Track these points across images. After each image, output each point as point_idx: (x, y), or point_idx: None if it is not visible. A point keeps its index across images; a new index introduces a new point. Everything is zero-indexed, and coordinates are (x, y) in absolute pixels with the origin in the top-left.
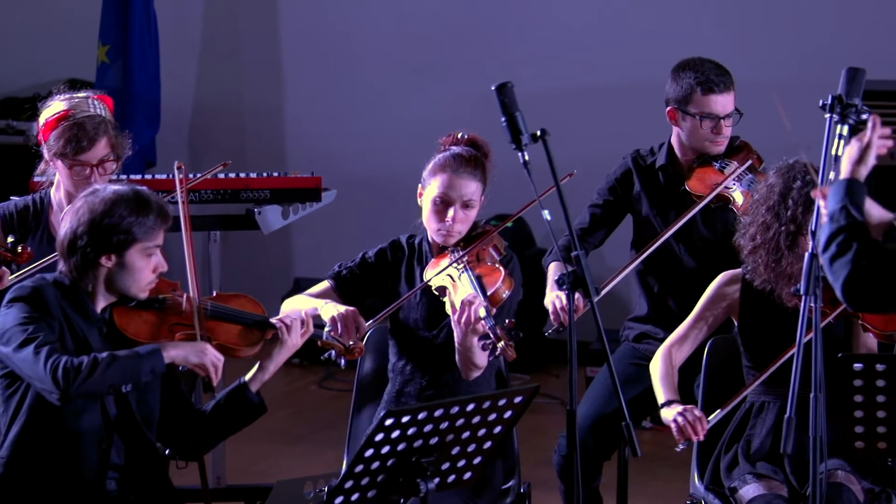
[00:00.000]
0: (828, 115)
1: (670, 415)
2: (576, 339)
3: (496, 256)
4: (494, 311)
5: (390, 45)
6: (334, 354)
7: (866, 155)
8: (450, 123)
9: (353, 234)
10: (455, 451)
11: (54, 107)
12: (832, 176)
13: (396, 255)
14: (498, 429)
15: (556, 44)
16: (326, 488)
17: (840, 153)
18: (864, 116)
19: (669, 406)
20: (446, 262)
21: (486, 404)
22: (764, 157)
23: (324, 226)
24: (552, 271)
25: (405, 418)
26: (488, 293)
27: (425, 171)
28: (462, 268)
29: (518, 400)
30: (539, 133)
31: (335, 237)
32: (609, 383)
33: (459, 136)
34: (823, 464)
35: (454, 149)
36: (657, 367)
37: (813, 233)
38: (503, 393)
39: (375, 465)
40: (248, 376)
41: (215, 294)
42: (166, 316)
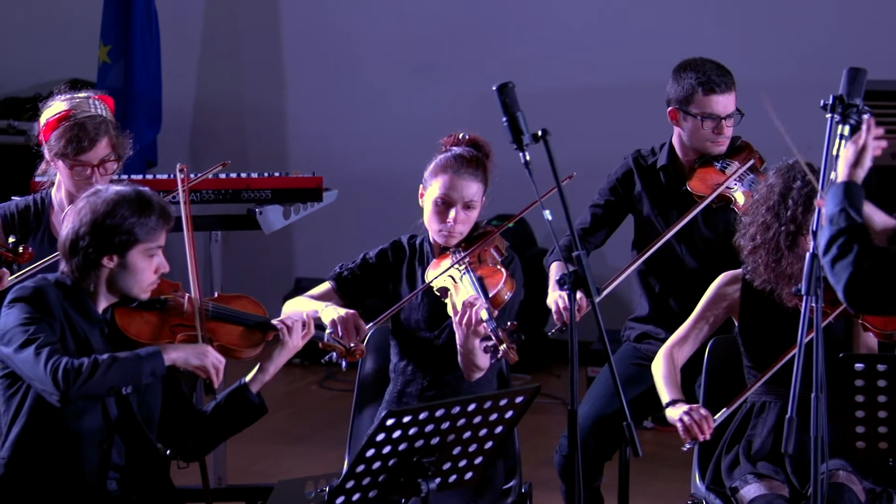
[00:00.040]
0: (829, 116)
1: (676, 414)
2: (577, 339)
3: (497, 257)
4: (496, 312)
5: (391, 46)
6: (335, 356)
7: (862, 157)
8: (450, 123)
9: (354, 234)
10: (456, 451)
11: (55, 107)
12: (833, 176)
13: (398, 255)
14: (499, 429)
15: (556, 44)
16: (328, 488)
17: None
18: (866, 116)
19: (674, 405)
20: (448, 263)
21: (488, 404)
22: (765, 157)
23: (325, 226)
24: (554, 271)
25: (406, 418)
26: (490, 295)
27: (426, 172)
28: (463, 269)
29: (519, 400)
30: (540, 133)
31: (336, 237)
32: (610, 383)
33: (461, 136)
34: (825, 464)
35: (455, 149)
36: (659, 367)
37: (814, 233)
38: (504, 393)
39: (377, 465)
40: (248, 377)
41: (217, 295)
42: (168, 317)
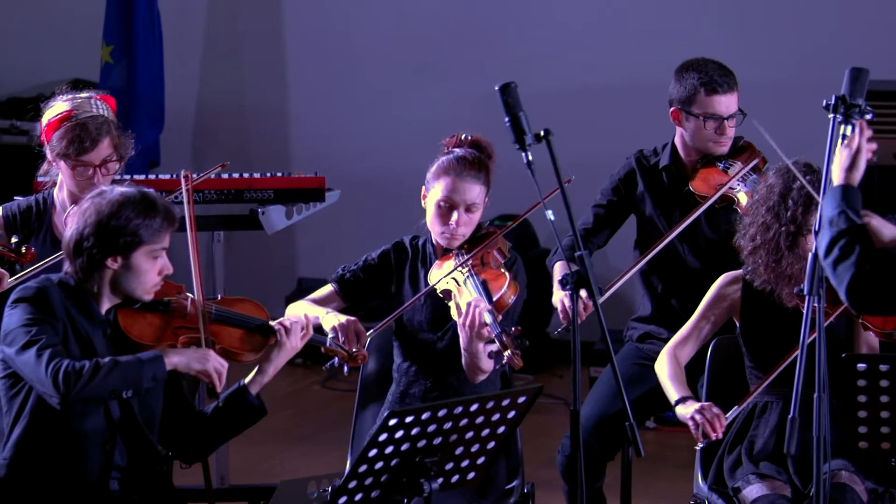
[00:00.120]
0: (831, 116)
1: (687, 412)
2: (579, 339)
3: (500, 259)
4: (500, 317)
5: (392, 46)
6: (337, 361)
7: (857, 160)
8: (452, 123)
9: (356, 234)
10: (459, 451)
11: (57, 107)
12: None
13: (400, 256)
14: (501, 429)
15: (557, 44)
16: (330, 488)
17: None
18: (868, 117)
19: (684, 403)
20: (451, 264)
21: (490, 404)
22: (767, 157)
23: (327, 226)
24: (557, 271)
25: (409, 418)
26: (494, 298)
27: (429, 174)
28: (467, 272)
29: (521, 400)
30: (542, 133)
31: (339, 237)
32: (612, 383)
33: (463, 137)
34: (827, 464)
35: (458, 151)
36: (664, 366)
37: (817, 232)
38: (507, 393)
39: (379, 465)
40: (247, 379)
41: (220, 298)
42: (171, 319)
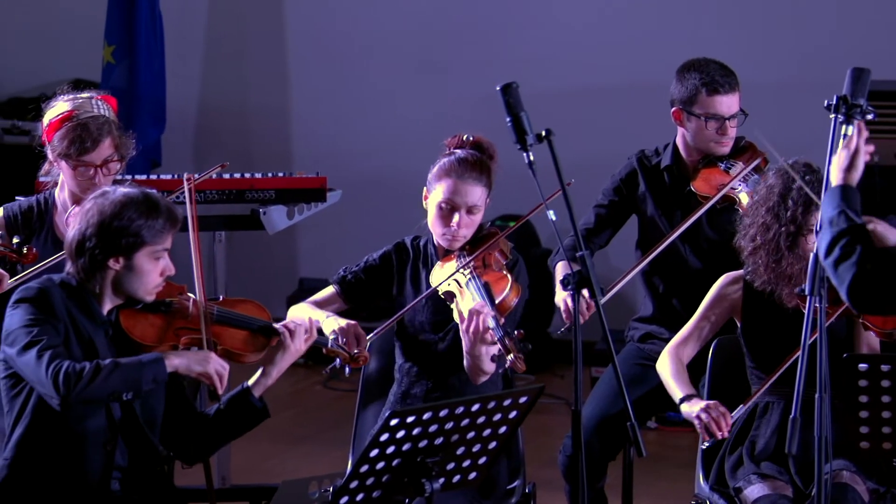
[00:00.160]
0: (832, 116)
1: (692, 410)
2: (581, 339)
3: (502, 261)
4: (502, 319)
5: (394, 46)
6: (339, 363)
7: (855, 160)
8: (454, 123)
9: (358, 235)
10: (460, 451)
11: (58, 107)
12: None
13: (401, 257)
14: (503, 429)
15: (558, 44)
16: (331, 488)
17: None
18: (870, 117)
19: (689, 401)
20: (452, 265)
21: (491, 405)
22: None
23: (329, 226)
24: (559, 271)
25: (410, 419)
26: (496, 301)
27: (430, 175)
28: (469, 274)
29: (523, 400)
30: (544, 133)
31: (340, 237)
32: (614, 383)
33: (464, 137)
34: (828, 464)
35: (459, 153)
36: (666, 365)
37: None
38: (508, 393)
39: (380, 465)
40: (250, 381)
41: (222, 299)
42: (172, 320)
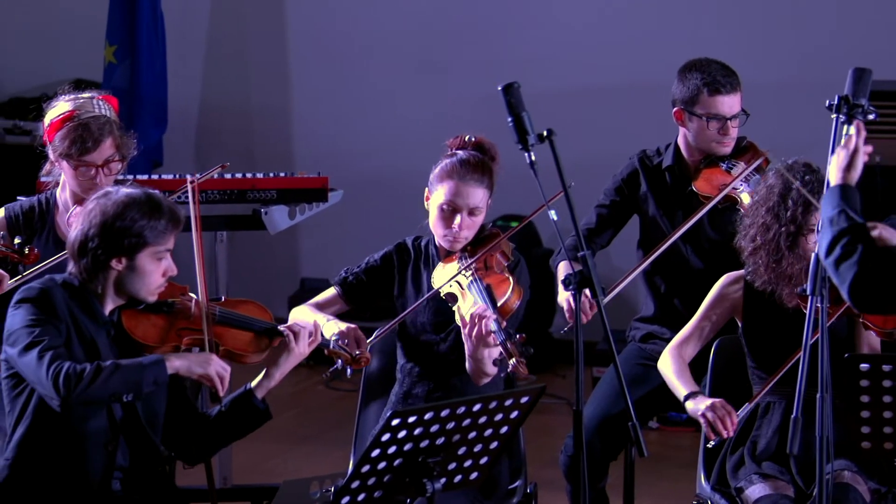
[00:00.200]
0: (834, 116)
1: (698, 408)
2: (582, 339)
3: (503, 262)
4: (504, 323)
5: (396, 46)
6: (340, 364)
7: (855, 160)
8: (456, 123)
9: (359, 235)
10: (461, 451)
11: (59, 107)
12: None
13: (402, 257)
14: (504, 429)
15: (560, 44)
16: (333, 488)
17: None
18: (871, 116)
19: (694, 398)
20: (454, 266)
21: (493, 405)
22: (770, 157)
23: (330, 226)
24: (561, 271)
25: (411, 419)
26: (498, 305)
27: (432, 175)
28: (471, 276)
29: (524, 400)
30: (546, 133)
31: (342, 237)
32: (615, 383)
33: (467, 138)
34: (830, 464)
35: (461, 154)
36: (668, 363)
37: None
38: (509, 393)
39: (382, 465)
40: (253, 383)
41: (224, 299)
42: (175, 320)
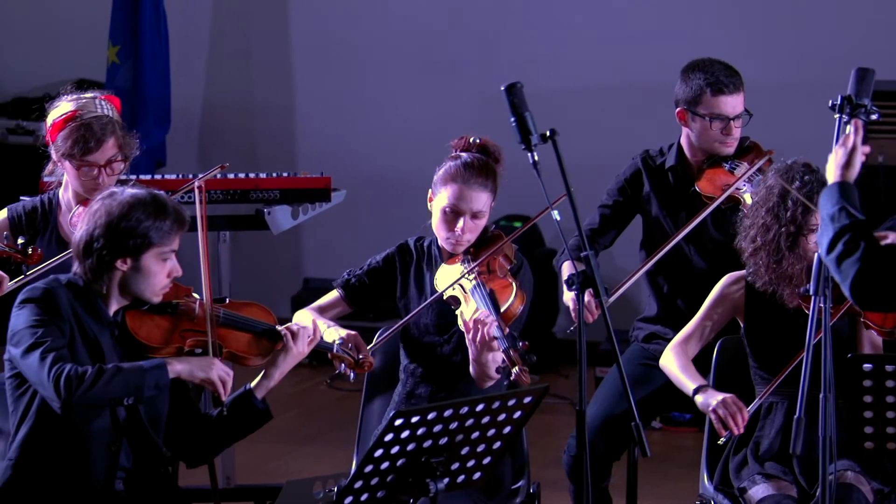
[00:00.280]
0: (837, 116)
1: (709, 402)
2: (585, 339)
3: (506, 266)
4: (507, 329)
5: (399, 46)
6: (344, 368)
7: (853, 158)
8: (458, 123)
9: (362, 234)
10: (465, 451)
11: (61, 107)
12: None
13: (404, 259)
14: (507, 429)
15: (563, 43)
16: (336, 488)
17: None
18: (874, 116)
19: (704, 392)
20: (457, 268)
21: (496, 404)
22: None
23: (333, 226)
24: (565, 271)
25: (415, 418)
26: (501, 310)
27: (436, 177)
28: (474, 279)
29: (527, 400)
30: (548, 133)
31: (345, 237)
32: (618, 384)
33: (471, 140)
34: (833, 464)
35: (465, 156)
36: (672, 360)
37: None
38: (512, 393)
39: (385, 465)
40: (253, 383)
41: (228, 301)
42: (178, 321)
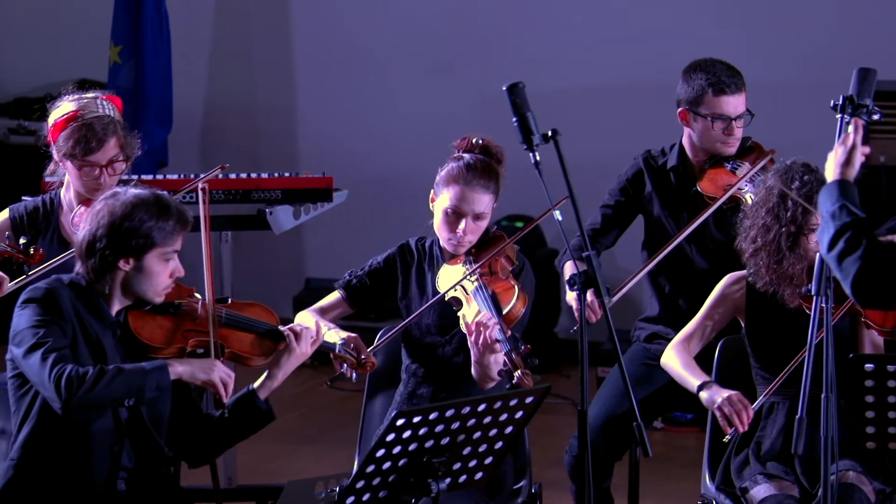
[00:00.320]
0: (839, 116)
1: (714, 399)
2: (587, 339)
3: (508, 267)
4: (509, 332)
5: (401, 46)
6: (346, 368)
7: (852, 156)
8: (460, 123)
9: (364, 234)
10: (466, 451)
11: (63, 108)
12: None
13: (405, 259)
14: (509, 429)
15: (565, 43)
16: (338, 488)
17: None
18: (876, 117)
19: (709, 388)
20: (458, 268)
21: (498, 404)
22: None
23: (335, 226)
24: (568, 271)
25: (416, 419)
26: (503, 313)
27: (438, 178)
28: (475, 281)
29: (529, 400)
30: (550, 133)
31: (346, 237)
32: (620, 384)
33: (474, 140)
34: (834, 464)
35: (467, 158)
36: (674, 358)
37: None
38: (514, 393)
39: (387, 465)
40: (256, 384)
41: (230, 301)
42: (181, 322)
